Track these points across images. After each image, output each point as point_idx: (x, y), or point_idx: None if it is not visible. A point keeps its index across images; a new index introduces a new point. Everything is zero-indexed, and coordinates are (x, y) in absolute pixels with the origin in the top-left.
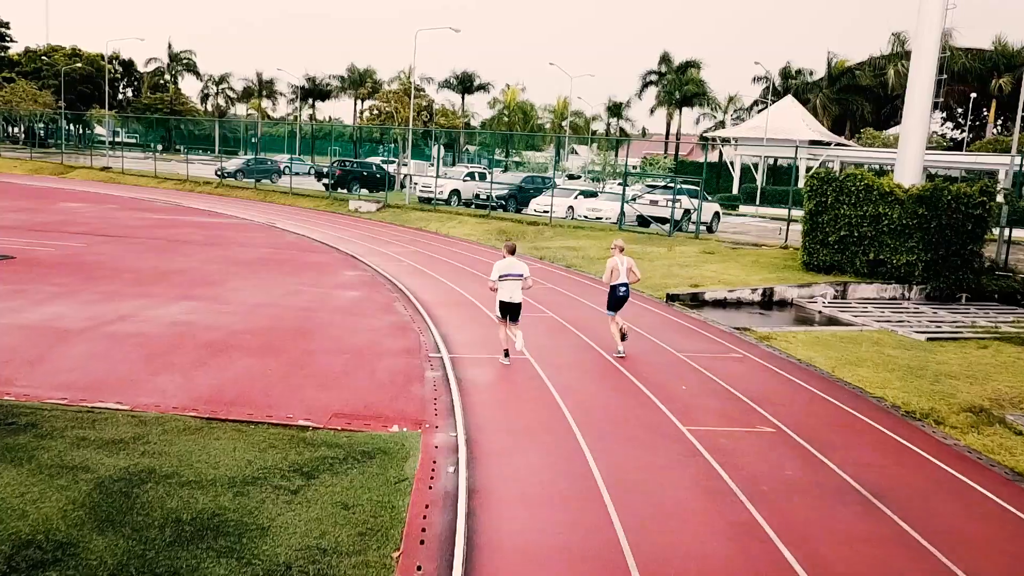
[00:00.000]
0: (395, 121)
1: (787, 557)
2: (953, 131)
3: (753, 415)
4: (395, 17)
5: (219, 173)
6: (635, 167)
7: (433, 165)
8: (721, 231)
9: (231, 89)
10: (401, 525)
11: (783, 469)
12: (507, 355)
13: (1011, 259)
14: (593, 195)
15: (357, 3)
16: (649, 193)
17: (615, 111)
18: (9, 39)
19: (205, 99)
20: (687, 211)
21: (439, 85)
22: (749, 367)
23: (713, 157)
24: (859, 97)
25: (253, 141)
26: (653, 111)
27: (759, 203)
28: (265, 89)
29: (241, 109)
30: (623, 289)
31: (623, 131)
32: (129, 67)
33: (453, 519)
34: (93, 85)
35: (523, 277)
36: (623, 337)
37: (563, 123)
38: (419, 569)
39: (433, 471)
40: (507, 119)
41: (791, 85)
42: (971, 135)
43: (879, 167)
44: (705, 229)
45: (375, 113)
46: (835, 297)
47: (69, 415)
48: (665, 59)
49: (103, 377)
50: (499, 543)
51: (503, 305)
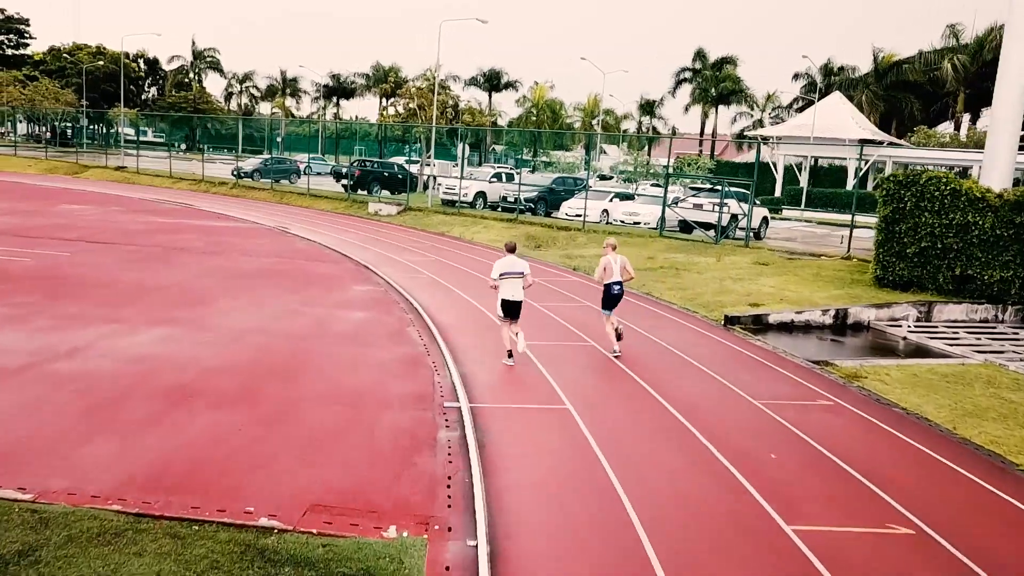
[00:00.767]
0: (419, 119)
1: None
2: None
3: (876, 504)
4: (420, 10)
5: (235, 173)
6: (675, 168)
7: (458, 165)
8: (769, 237)
9: (255, 88)
10: None
11: None
12: (511, 356)
13: None
14: (629, 197)
15: (381, 1)
16: (693, 196)
17: (648, 109)
18: (28, 36)
19: (229, 97)
20: (734, 216)
21: (466, 83)
22: (846, 422)
23: (748, 156)
24: (908, 94)
25: (278, 140)
26: (687, 109)
27: (804, 206)
28: (289, 87)
29: (265, 108)
30: (617, 287)
31: (655, 130)
32: (154, 65)
33: None
34: (116, 84)
35: (523, 275)
36: (619, 337)
37: (593, 122)
38: None
39: None
40: (535, 118)
41: (833, 82)
42: None
43: (914, 168)
44: (752, 236)
45: (396, 111)
46: (918, 320)
47: None
48: (700, 55)
49: (17, 443)
50: None
51: (505, 304)
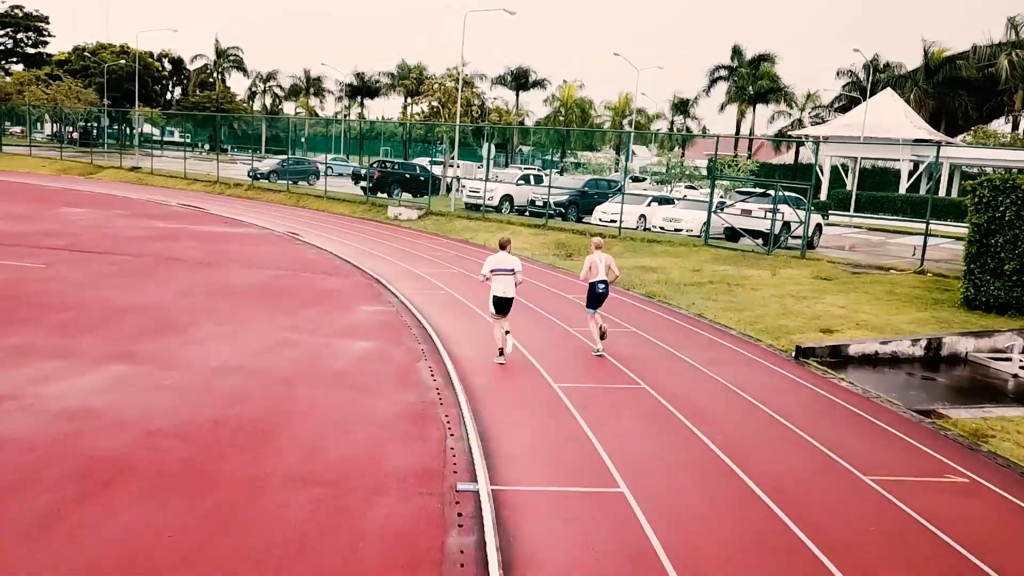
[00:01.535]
0: (442, 117)
1: None
2: None
3: None
4: (446, 7)
5: (251, 174)
6: (721, 169)
7: (483, 166)
8: (822, 246)
9: (279, 87)
10: None
11: None
12: (501, 354)
13: None
14: (669, 201)
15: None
16: (742, 201)
17: (681, 108)
18: (47, 34)
19: (252, 97)
20: (786, 223)
21: (492, 82)
22: (996, 512)
23: (785, 157)
24: (960, 91)
25: (302, 141)
26: (723, 108)
27: (853, 210)
28: (313, 86)
29: (289, 107)
30: (602, 286)
31: (688, 130)
32: (179, 65)
33: None
34: (140, 83)
35: (514, 272)
36: (602, 336)
37: (624, 121)
38: None
39: None
40: (563, 118)
41: (879, 79)
42: None
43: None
44: (808, 244)
45: (422, 109)
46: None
47: None
48: (736, 52)
49: None
50: None
51: (496, 300)
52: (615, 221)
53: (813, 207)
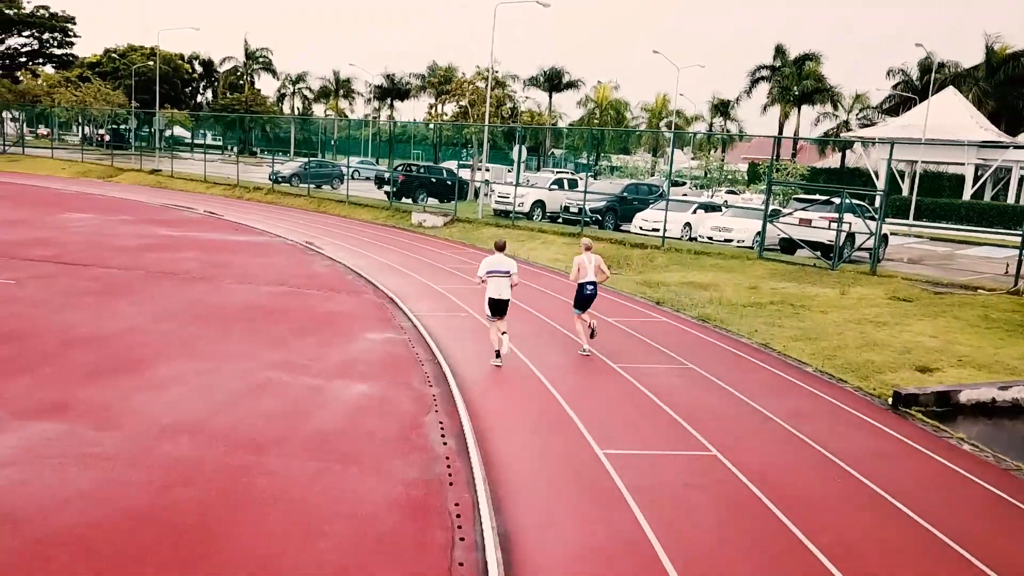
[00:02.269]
0: (471, 118)
1: None
2: None
3: None
4: (476, 8)
5: (272, 178)
6: (774, 174)
7: (513, 170)
8: (886, 259)
9: (308, 89)
10: None
11: None
12: (498, 355)
13: None
14: (715, 208)
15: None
16: (801, 209)
17: (721, 109)
18: (73, 34)
19: (282, 99)
20: (851, 235)
21: (524, 83)
22: None
23: (829, 161)
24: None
25: (332, 143)
26: (766, 109)
27: (912, 218)
28: (342, 88)
29: (319, 110)
30: (590, 287)
31: (728, 132)
32: (209, 67)
33: None
34: (169, 85)
35: (510, 274)
36: (592, 335)
37: (661, 124)
38: None
39: None
40: (598, 119)
41: (935, 79)
42: None
43: None
44: (869, 256)
45: (446, 110)
46: None
47: None
48: (779, 52)
49: None
50: None
51: (492, 302)
52: (657, 230)
53: (872, 215)
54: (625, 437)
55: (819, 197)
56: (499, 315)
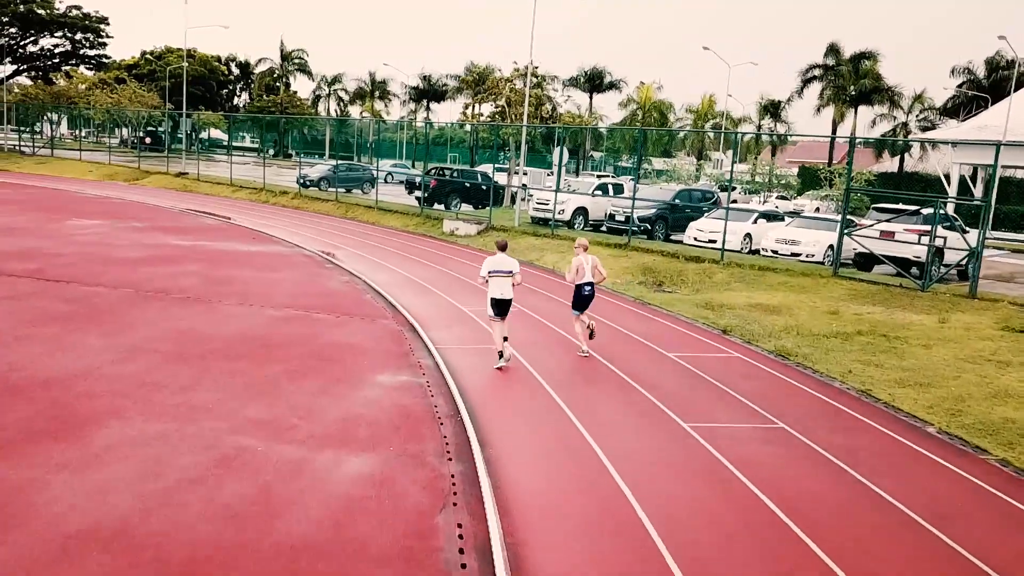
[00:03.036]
0: (508, 118)
1: None
2: None
3: None
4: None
5: (300, 181)
6: (830, 179)
7: (552, 174)
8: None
9: (344, 90)
10: None
11: None
12: (501, 356)
13: None
14: (777, 217)
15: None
16: (883, 221)
17: (771, 110)
18: (105, 35)
19: (317, 101)
20: (940, 250)
21: (564, 83)
22: None
23: (885, 165)
24: None
25: (369, 145)
26: (819, 110)
27: (990, 227)
28: (378, 89)
29: (354, 111)
30: (588, 288)
31: (778, 134)
32: (245, 69)
33: None
34: (205, 87)
35: (512, 273)
36: (591, 335)
37: (707, 125)
38: None
39: None
40: (640, 121)
41: (1003, 77)
42: None
43: None
44: (956, 275)
45: (491, 110)
46: None
47: None
48: (833, 50)
49: None
50: None
51: (494, 302)
52: (714, 241)
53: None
54: (710, 551)
55: (910, 207)
56: (501, 315)
